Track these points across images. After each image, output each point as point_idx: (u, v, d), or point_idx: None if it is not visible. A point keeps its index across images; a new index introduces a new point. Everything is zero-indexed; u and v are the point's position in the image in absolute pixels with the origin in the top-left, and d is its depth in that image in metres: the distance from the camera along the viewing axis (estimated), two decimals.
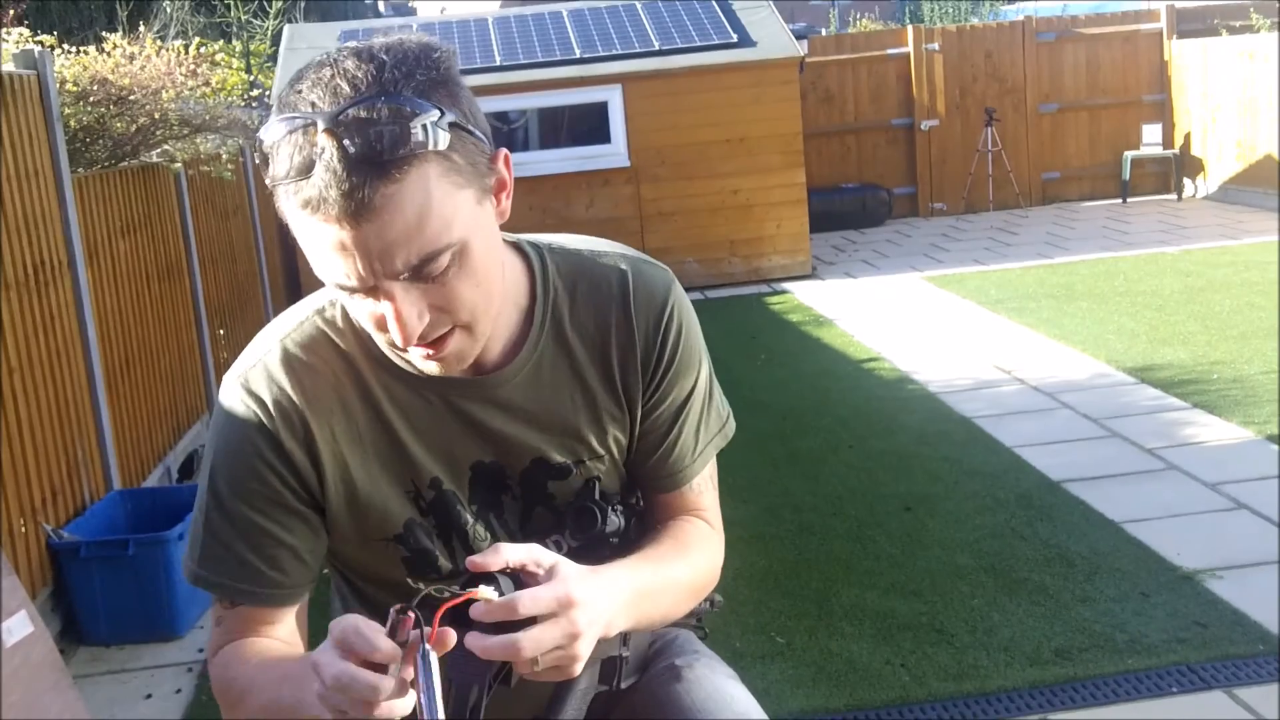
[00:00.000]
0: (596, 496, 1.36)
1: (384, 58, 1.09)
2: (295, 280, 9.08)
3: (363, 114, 1.05)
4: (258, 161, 1.12)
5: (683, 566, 1.35)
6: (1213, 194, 12.13)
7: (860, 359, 6.90)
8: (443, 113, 1.08)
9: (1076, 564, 3.87)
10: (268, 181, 1.11)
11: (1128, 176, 12.46)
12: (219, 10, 12.26)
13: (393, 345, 1.21)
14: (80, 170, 4.72)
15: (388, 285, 1.12)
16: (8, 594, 3.25)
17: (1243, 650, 3.24)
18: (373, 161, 1.05)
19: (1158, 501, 4.36)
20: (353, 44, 1.12)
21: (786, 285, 9.48)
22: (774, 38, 9.61)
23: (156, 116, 5.21)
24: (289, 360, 1.28)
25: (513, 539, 1.30)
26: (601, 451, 1.36)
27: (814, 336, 7.63)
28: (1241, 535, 4.01)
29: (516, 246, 1.36)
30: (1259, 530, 4.04)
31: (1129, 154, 12.43)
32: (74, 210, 4.38)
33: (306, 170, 1.06)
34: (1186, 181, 12.43)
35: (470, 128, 1.13)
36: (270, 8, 12.52)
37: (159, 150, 5.52)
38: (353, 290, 1.14)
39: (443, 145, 1.08)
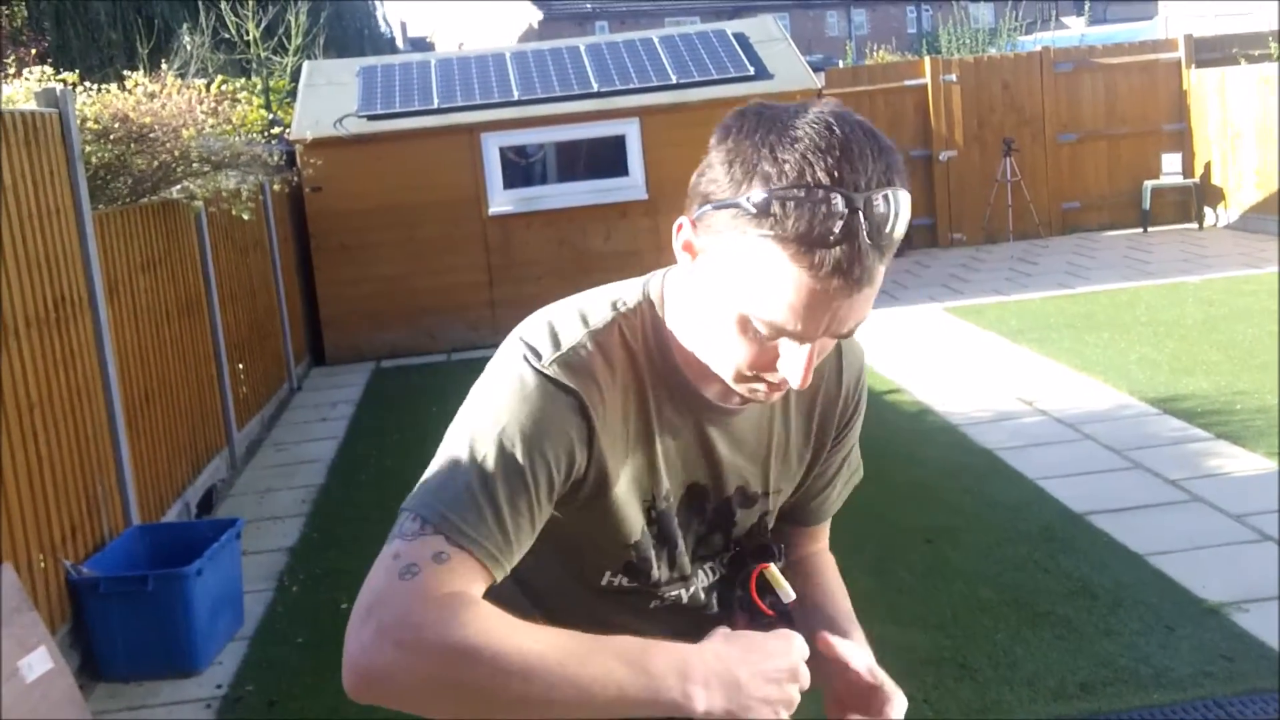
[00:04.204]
0: (768, 533, 1.48)
1: (881, 141, 1.19)
2: (314, 315, 9.10)
3: (883, 201, 1.14)
4: (752, 210, 1.14)
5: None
6: (1234, 222, 12.09)
7: (880, 390, 6.87)
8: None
9: (1100, 596, 3.83)
10: (751, 224, 1.14)
11: (1148, 205, 12.42)
12: (239, 47, 12.38)
13: (739, 376, 1.26)
14: (101, 207, 4.76)
15: (820, 341, 1.20)
16: (28, 630, 3.25)
17: (1270, 684, 3.20)
18: (880, 246, 1.14)
19: (1181, 533, 4.32)
20: (837, 111, 1.21)
21: None
22: (791, 70, 9.64)
23: (177, 154, 5.25)
24: (596, 356, 1.30)
25: (687, 553, 1.44)
26: (784, 487, 1.47)
27: None
28: (1267, 567, 3.97)
29: None
30: None
31: (1149, 183, 12.39)
32: (94, 246, 4.41)
33: (826, 241, 1.12)
34: (1208, 210, 12.38)
35: None
36: (289, 44, 12.64)
37: (179, 187, 5.56)
38: (787, 336, 1.19)
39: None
